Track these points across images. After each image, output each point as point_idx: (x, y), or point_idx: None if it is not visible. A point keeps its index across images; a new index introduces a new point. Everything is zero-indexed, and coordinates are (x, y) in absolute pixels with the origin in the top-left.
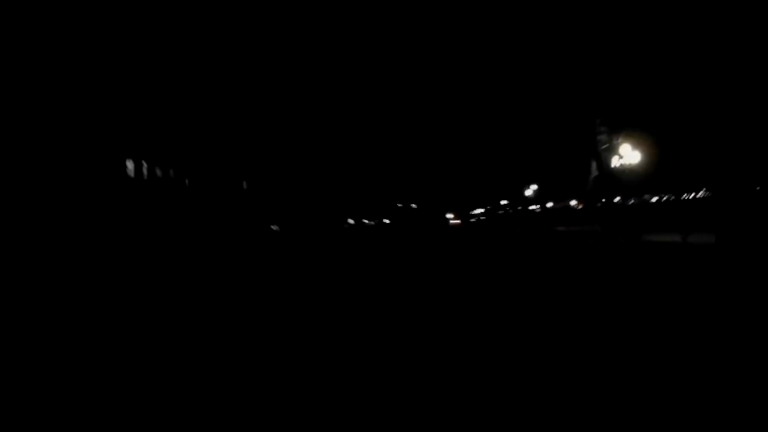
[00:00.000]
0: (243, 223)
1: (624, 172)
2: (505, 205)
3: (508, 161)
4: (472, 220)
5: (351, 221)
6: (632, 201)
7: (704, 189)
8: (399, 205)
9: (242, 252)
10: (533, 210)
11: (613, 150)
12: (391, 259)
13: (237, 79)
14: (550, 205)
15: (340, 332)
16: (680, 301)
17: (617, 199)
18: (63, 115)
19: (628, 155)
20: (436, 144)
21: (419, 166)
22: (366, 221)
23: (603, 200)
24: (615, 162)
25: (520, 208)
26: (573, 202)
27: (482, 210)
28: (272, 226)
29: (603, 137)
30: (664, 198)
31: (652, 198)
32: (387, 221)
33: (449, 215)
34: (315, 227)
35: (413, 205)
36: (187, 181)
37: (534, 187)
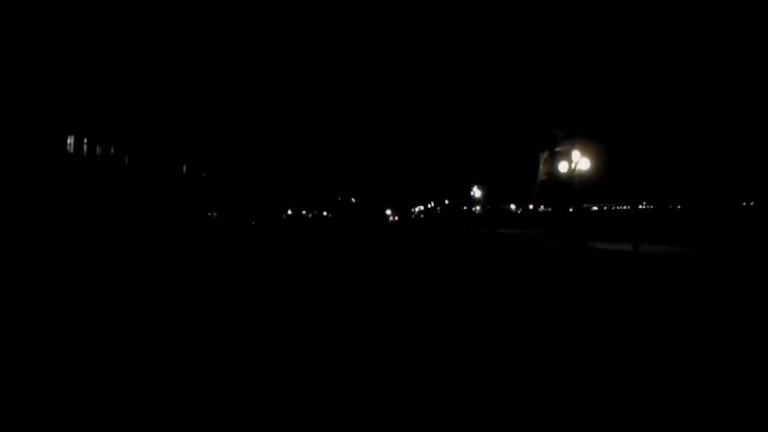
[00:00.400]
0: (180, 206)
1: (573, 178)
2: (447, 204)
3: (453, 162)
4: (413, 217)
5: (290, 212)
6: (576, 207)
7: (655, 200)
8: (339, 198)
9: (177, 235)
10: (476, 210)
11: (563, 156)
12: (322, 249)
13: (186, 63)
14: (494, 206)
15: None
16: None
17: (561, 205)
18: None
19: (578, 162)
20: (381, 140)
21: (363, 161)
22: (304, 212)
23: (546, 205)
24: (564, 168)
25: (464, 207)
26: (513, 206)
27: (422, 208)
28: (211, 213)
29: (553, 143)
30: (612, 207)
31: (598, 206)
32: (325, 213)
33: (388, 211)
34: (253, 216)
35: (353, 200)
36: (126, 159)
37: (478, 188)
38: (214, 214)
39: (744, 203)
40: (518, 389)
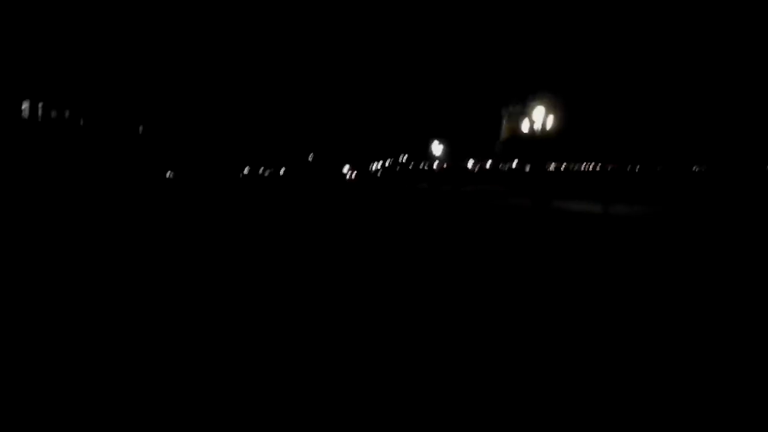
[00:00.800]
0: (137, 167)
1: (535, 137)
2: (407, 159)
3: (413, 116)
4: (371, 174)
5: (246, 170)
6: (539, 166)
7: (618, 159)
8: (296, 154)
9: (133, 196)
10: (437, 167)
11: (526, 113)
12: (277, 209)
13: (136, 24)
14: (455, 162)
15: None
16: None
17: (522, 163)
18: None
19: (542, 119)
20: (338, 94)
21: (320, 116)
22: (262, 170)
23: (510, 163)
24: (526, 126)
25: (424, 164)
26: (471, 163)
27: (381, 163)
28: (167, 173)
29: (517, 99)
30: (577, 166)
31: (562, 164)
32: (282, 171)
33: (346, 168)
34: (211, 175)
35: (310, 157)
36: (82, 121)
37: (439, 144)
38: (170, 174)
39: (695, 167)
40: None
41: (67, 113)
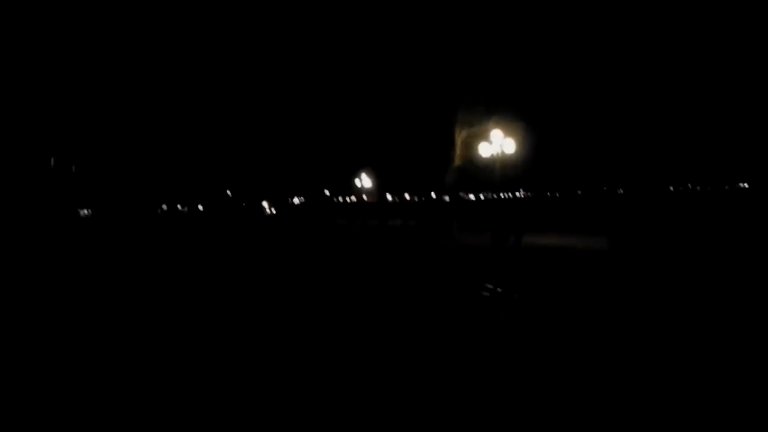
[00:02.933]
0: (48, 205)
1: (495, 163)
2: (328, 195)
3: (338, 147)
4: (289, 209)
5: (164, 207)
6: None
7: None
8: (213, 191)
9: (44, 237)
10: (361, 202)
11: (481, 137)
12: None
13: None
14: (386, 197)
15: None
16: None
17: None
18: None
19: (501, 144)
20: (258, 128)
21: (238, 152)
22: (179, 207)
23: (459, 193)
24: (485, 151)
25: (343, 198)
26: (407, 196)
27: (302, 200)
28: (82, 210)
29: (469, 121)
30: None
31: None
32: (200, 207)
33: (265, 203)
34: (128, 212)
35: (228, 192)
36: None
37: (366, 177)
38: (86, 211)
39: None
40: None
41: None
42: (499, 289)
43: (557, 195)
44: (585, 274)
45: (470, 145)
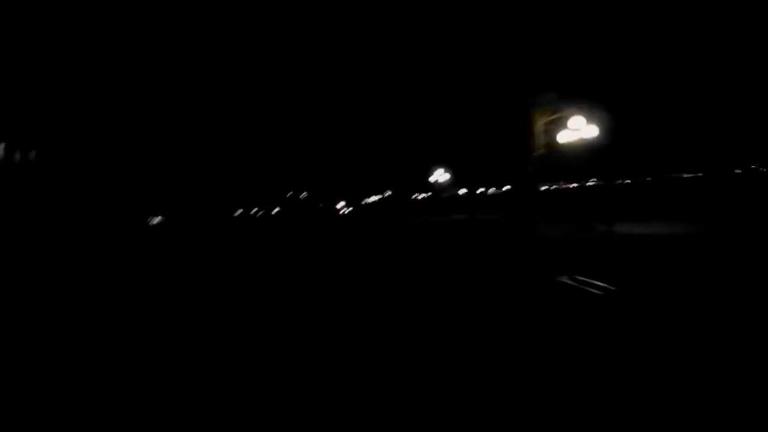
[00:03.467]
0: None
1: (577, 149)
2: (404, 191)
3: (413, 144)
4: (364, 209)
5: (240, 210)
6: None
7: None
8: (290, 193)
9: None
10: (438, 197)
11: (560, 123)
12: (273, 246)
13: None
14: (462, 191)
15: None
16: None
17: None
18: None
19: (582, 129)
20: (332, 125)
21: (311, 151)
22: (256, 209)
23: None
24: (565, 137)
25: (425, 195)
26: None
27: (377, 198)
28: (156, 218)
29: (547, 108)
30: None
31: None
32: (277, 209)
33: (341, 204)
34: (206, 215)
35: (304, 194)
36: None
37: (443, 171)
38: (156, 219)
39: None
40: None
41: None
42: (594, 282)
43: (648, 180)
44: (686, 265)
45: (550, 133)
